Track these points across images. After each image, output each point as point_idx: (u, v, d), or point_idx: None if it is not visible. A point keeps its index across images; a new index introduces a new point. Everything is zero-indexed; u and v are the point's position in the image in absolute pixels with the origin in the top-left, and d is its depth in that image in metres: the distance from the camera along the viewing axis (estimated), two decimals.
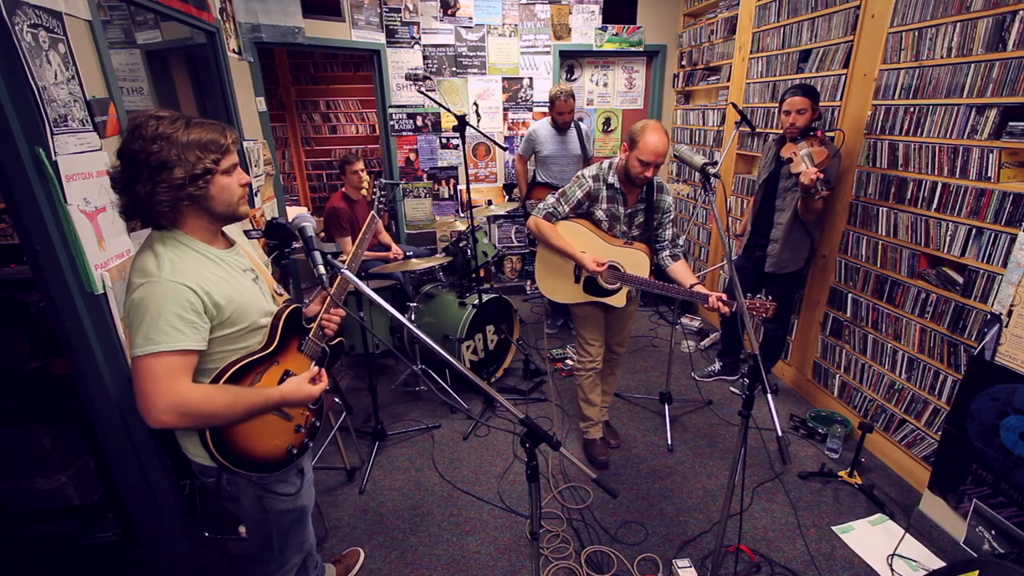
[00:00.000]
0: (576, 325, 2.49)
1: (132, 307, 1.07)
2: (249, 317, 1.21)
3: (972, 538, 1.89)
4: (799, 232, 2.70)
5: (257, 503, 1.35)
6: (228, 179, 1.16)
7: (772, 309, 1.88)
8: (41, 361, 2.19)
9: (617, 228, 2.25)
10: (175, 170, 1.06)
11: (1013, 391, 1.72)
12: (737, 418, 2.81)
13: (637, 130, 2.03)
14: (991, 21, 1.95)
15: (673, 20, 4.55)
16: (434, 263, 3.22)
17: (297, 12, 3.52)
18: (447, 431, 2.87)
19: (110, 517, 2.11)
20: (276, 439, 1.29)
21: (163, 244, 1.13)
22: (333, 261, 1.28)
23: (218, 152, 1.12)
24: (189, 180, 1.08)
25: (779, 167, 2.71)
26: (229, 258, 1.23)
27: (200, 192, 1.11)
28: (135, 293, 1.06)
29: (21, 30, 1.43)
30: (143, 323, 1.05)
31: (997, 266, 1.96)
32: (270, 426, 1.28)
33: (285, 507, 1.40)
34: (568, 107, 3.52)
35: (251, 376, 1.23)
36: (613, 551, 2.07)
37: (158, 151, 1.05)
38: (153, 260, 1.09)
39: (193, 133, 1.09)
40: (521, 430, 1.12)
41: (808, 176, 2.33)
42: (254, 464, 1.26)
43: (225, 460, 1.19)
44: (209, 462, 1.22)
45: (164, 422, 1.07)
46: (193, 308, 1.09)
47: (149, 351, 1.05)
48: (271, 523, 1.41)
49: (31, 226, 1.53)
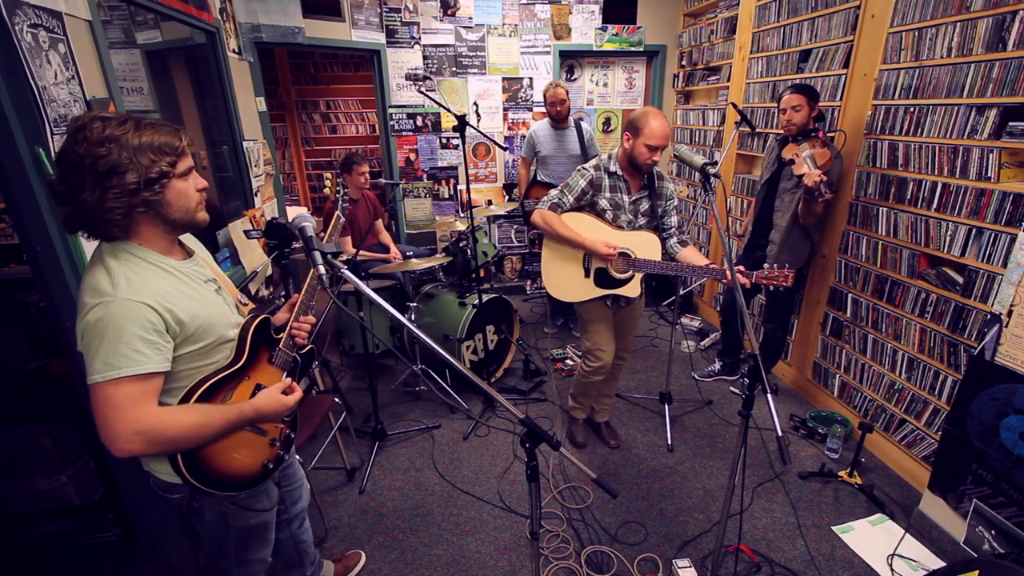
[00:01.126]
0: (584, 330, 2.43)
1: (87, 330, 0.98)
2: (215, 331, 1.14)
3: (972, 538, 1.89)
4: (798, 233, 2.70)
5: (220, 518, 1.28)
6: (184, 183, 1.08)
7: (791, 277, 1.91)
8: (41, 361, 2.19)
9: (622, 217, 2.22)
10: (127, 175, 0.98)
11: (1013, 391, 1.72)
12: (737, 418, 2.81)
13: (638, 117, 2.04)
14: (991, 21, 1.95)
15: (673, 20, 4.55)
16: (434, 263, 3.22)
17: (297, 12, 3.52)
18: (447, 431, 2.87)
19: (110, 517, 2.11)
20: (251, 455, 1.23)
21: (115, 258, 1.04)
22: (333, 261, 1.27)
23: (173, 155, 1.04)
24: (144, 184, 1.00)
25: (781, 167, 2.71)
26: (189, 269, 1.16)
27: (156, 197, 1.03)
28: (89, 315, 0.98)
29: (21, 30, 1.43)
30: (101, 347, 0.97)
31: (997, 266, 1.96)
32: (244, 443, 1.21)
33: (247, 523, 1.32)
34: (558, 96, 3.47)
35: (221, 394, 1.16)
36: (613, 551, 2.07)
37: (106, 154, 0.96)
38: (106, 277, 1.00)
39: (145, 135, 1.01)
40: (521, 430, 1.12)
41: (812, 178, 2.33)
42: (227, 483, 1.18)
43: (197, 481, 1.11)
44: (174, 479, 1.15)
45: (129, 451, 0.99)
46: (154, 328, 1.01)
47: (110, 377, 0.97)
48: (231, 538, 1.32)
49: (31, 226, 1.53)
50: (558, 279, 2.33)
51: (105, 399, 0.98)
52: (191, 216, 1.11)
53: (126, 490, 1.92)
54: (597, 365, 2.41)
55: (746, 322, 1.46)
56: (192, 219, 1.12)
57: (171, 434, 1.03)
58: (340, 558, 2.02)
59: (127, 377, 0.98)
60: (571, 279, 2.30)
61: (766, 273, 1.97)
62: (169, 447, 1.05)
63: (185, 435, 1.05)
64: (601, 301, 2.33)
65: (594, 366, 2.42)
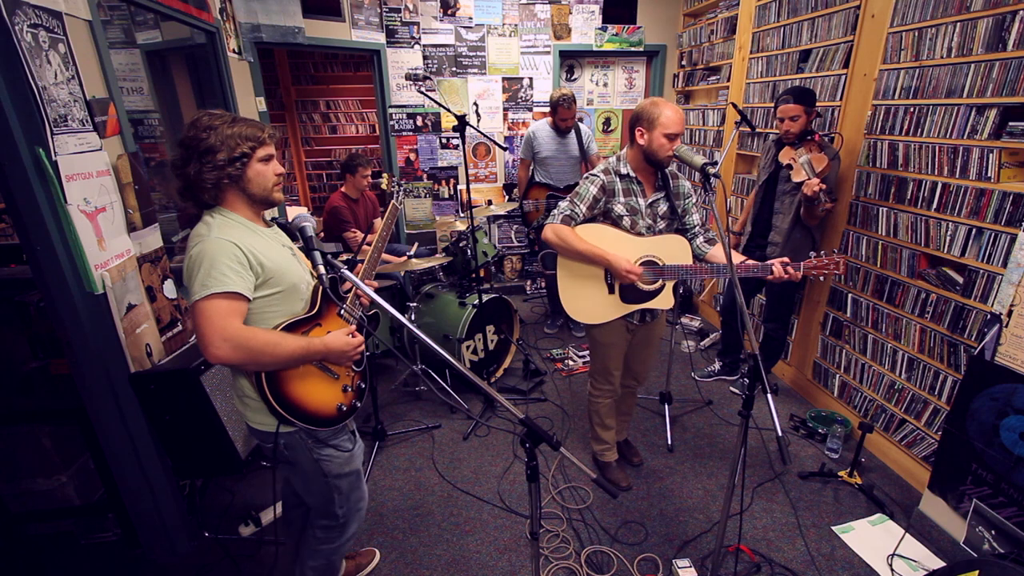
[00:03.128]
0: (594, 351, 2.27)
1: (188, 263, 1.25)
2: (289, 279, 1.36)
3: (972, 538, 1.89)
4: (800, 233, 2.69)
5: (315, 467, 1.47)
6: (264, 167, 1.34)
7: (842, 263, 1.81)
8: (41, 361, 2.19)
9: (640, 223, 2.01)
10: (218, 154, 1.26)
11: (1013, 391, 1.72)
12: (737, 418, 2.80)
13: (648, 108, 1.89)
14: (991, 21, 1.95)
15: (673, 20, 4.55)
16: (434, 263, 3.22)
17: (297, 12, 3.52)
18: (447, 431, 2.87)
19: (110, 517, 2.11)
20: (325, 395, 1.43)
21: (211, 216, 1.31)
22: (333, 261, 1.32)
23: (255, 141, 1.31)
24: (228, 162, 1.27)
25: (778, 170, 2.71)
26: (270, 233, 1.41)
27: (238, 172, 1.30)
28: (191, 251, 1.25)
29: (21, 30, 1.43)
30: (198, 274, 1.22)
31: (997, 266, 1.96)
32: (319, 381, 1.42)
33: (341, 469, 1.52)
34: (570, 114, 3.53)
35: (297, 333, 1.37)
36: (613, 551, 2.07)
37: (206, 138, 1.25)
38: (204, 226, 1.29)
39: (236, 127, 1.29)
40: (521, 430, 1.12)
41: (811, 188, 2.33)
42: (307, 417, 1.38)
43: (281, 409, 1.32)
44: (269, 427, 1.37)
45: (220, 356, 1.21)
46: (239, 261, 1.25)
47: (204, 294, 1.20)
48: (331, 487, 1.53)
49: (31, 226, 1.53)
50: (580, 300, 2.08)
51: (201, 312, 1.21)
52: (268, 193, 1.37)
53: (126, 490, 1.92)
54: (607, 388, 2.29)
55: (746, 322, 1.45)
56: (268, 196, 1.38)
57: (251, 344, 1.23)
58: (354, 555, 2.03)
59: (217, 294, 1.21)
60: (595, 299, 2.06)
61: (815, 262, 1.84)
62: (249, 356, 1.25)
63: (262, 348, 1.25)
64: (622, 320, 2.13)
65: (603, 389, 2.30)
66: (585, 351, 3.64)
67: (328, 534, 1.64)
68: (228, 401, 1.92)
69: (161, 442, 1.92)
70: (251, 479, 2.49)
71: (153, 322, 1.96)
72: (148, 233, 1.98)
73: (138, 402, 1.82)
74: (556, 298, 4.15)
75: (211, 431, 1.87)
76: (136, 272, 1.88)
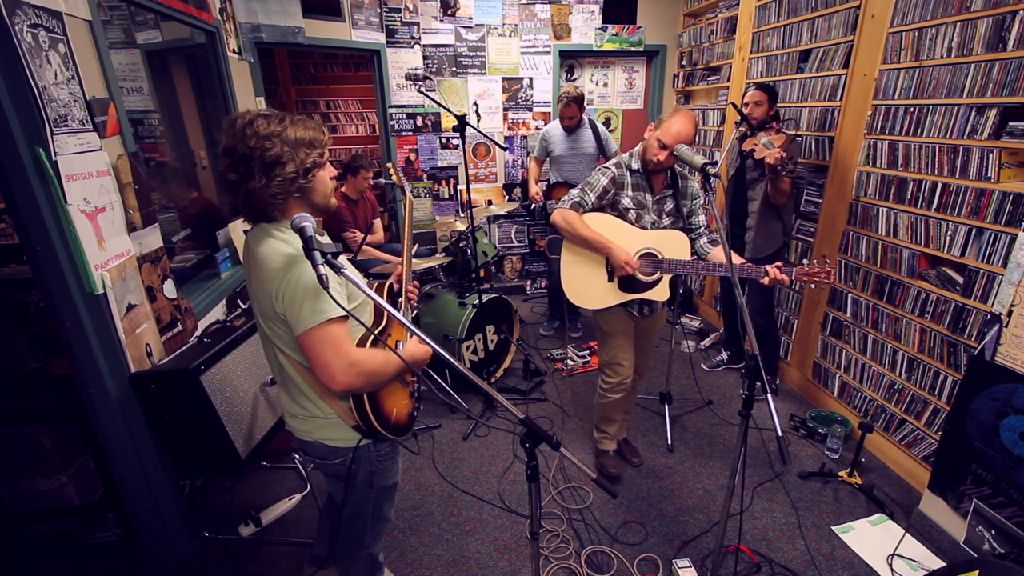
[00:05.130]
0: (602, 342, 2.30)
1: (288, 287, 1.13)
2: (359, 294, 1.28)
3: (972, 538, 1.89)
4: (770, 214, 2.83)
5: (367, 479, 1.43)
6: (325, 172, 1.25)
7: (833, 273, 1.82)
8: (41, 361, 2.19)
9: (646, 217, 2.10)
10: (288, 165, 1.14)
11: (1013, 391, 1.72)
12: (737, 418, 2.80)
13: (666, 113, 1.98)
14: (991, 21, 1.95)
15: (673, 20, 4.55)
16: (434, 263, 3.22)
17: (297, 12, 3.52)
18: (447, 431, 2.87)
19: (110, 517, 2.11)
20: (403, 403, 1.43)
21: (281, 231, 1.20)
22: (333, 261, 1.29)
23: (321, 147, 1.21)
24: (299, 175, 1.16)
25: (744, 160, 2.88)
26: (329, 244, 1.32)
27: (308, 185, 1.19)
28: (289, 275, 1.13)
29: (21, 30, 1.43)
30: (306, 299, 1.12)
31: (997, 266, 1.96)
32: (398, 391, 1.41)
33: (386, 482, 1.49)
34: (571, 113, 3.53)
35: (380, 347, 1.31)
36: (613, 551, 2.07)
37: (271, 147, 1.12)
38: (285, 244, 1.17)
39: (299, 131, 1.16)
40: (521, 430, 1.12)
41: (773, 156, 2.43)
42: (394, 428, 1.37)
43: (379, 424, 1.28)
44: (346, 443, 1.33)
45: (347, 384, 1.16)
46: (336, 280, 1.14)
47: (320, 320, 1.12)
48: (372, 500, 1.48)
49: (31, 226, 1.53)
50: (579, 284, 2.18)
51: (322, 340, 1.13)
52: (327, 200, 1.28)
53: (126, 490, 1.92)
54: (616, 380, 2.29)
55: (747, 323, 1.46)
56: (328, 203, 1.28)
57: (371, 366, 1.20)
58: None
59: (333, 320, 1.14)
60: (593, 284, 2.16)
61: (806, 269, 1.85)
62: (368, 379, 1.21)
63: (379, 369, 1.22)
64: (624, 310, 2.21)
65: (613, 381, 2.29)
66: (585, 351, 3.64)
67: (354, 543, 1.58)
68: (228, 401, 1.92)
69: (161, 442, 1.92)
70: (251, 479, 2.49)
71: (153, 322, 1.96)
72: (148, 233, 1.98)
73: (138, 402, 1.82)
74: (556, 299, 4.17)
75: (211, 431, 1.87)
76: (136, 272, 1.88)
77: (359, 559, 1.62)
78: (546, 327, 4.12)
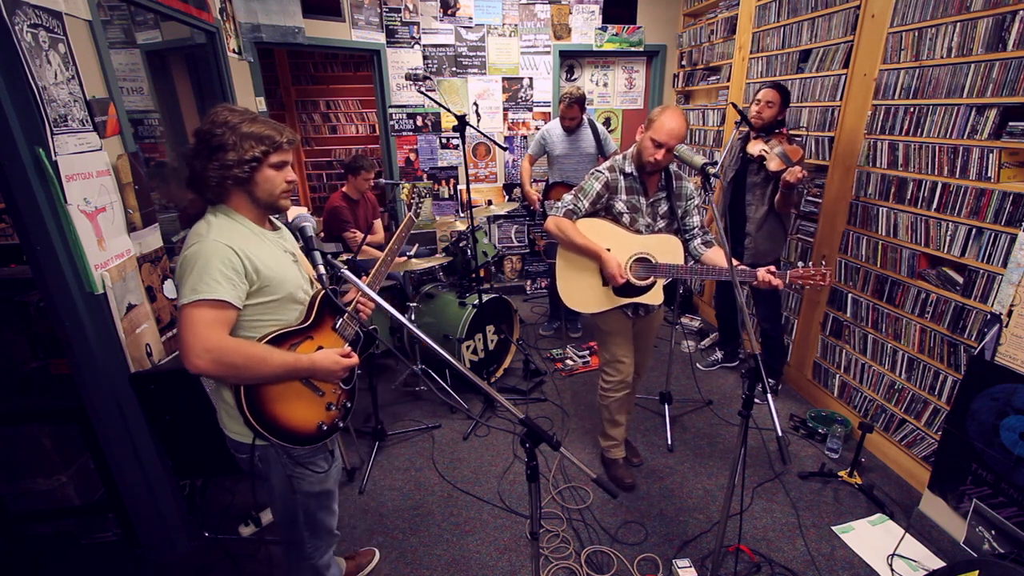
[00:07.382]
0: (602, 341, 2.31)
1: (183, 262, 1.19)
2: (286, 288, 1.30)
3: (972, 538, 1.89)
4: (774, 223, 2.79)
5: (286, 483, 1.40)
6: (274, 173, 1.28)
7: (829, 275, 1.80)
8: (41, 361, 2.19)
9: (640, 221, 2.09)
10: (229, 153, 1.21)
11: (1013, 391, 1.72)
12: (737, 418, 2.80)
13: (655, 112, 1.95)
14: (991, 21, 1.95)
15: (673, 20, 4.55)
16: (434, 263, 3.22)
17: (297, 12, 3.52)
18: (447, 431, 2.87)
19: (110, 517, 2.11)
20: (308, 412, 1.35)
21: (214, 215, 1.27)
22: (333, 261, 1.31)
23: (269, 145, 1.24)
24: (237, 163, 1.22)
25: (745, 165, 2.80)
26: (272, 237, 1.35)
27: (244, 176, 1.24)
28: (187, 251, 1.20)
29: (21, 30, 1.43)
30: (190, 276, 1.16)
31: (997, 266, 1.96)
32: (302, 397, 1.34)
33: (312, 488, 1.44)
34: (571, 113, 3.51)
35: (286, 345, 1.31)
36: (613, 551, 2.07)
37: (220, 134, 1.20)
38: (205, 225, 1.24)
39: (255, 127, 1.23)
40: (521, 430, 1.12)
41: (795, 175, 2.39)
42: (284, 434, 1.31)
43: (258, 425, 1.25)
44: (244, 438, 1.32)
45: (199, 367, 1.15)
46: (233, 267, 1.19)
47: (192, 299, 1.15)
48: (298, 505, 1.45)
49: (31, 226, 1.53)
50: (574, 290, 2.20)
51: (189, 318, 1.15)
52: (274, 200, 1.31)
53: (126, 490, 1.92)
54: (618, 378, 2.28)
55: (747, 322, 1.46)
56: (274, 203, 1.32)
57: (234, 358, 1.18)
58: (354, 555, 2.02)
59: (205, 300, 1.15)
60: (588, 289, 2.17)
61: (801, 272, 1.83)
62: (231, 371, 1.19)
63: (245, 363, 1.19)
64: (620, 311, 2.21)
65: (615, 379, 2.29)
66: (585, 351, 3.64)
67: (296, 552, 1.54)
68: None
69: (161, 442, 1.92)
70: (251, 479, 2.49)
71: (153, 322, 1.96)
72: (148, 233, 1.98)
73: (138, 402, 1.82)
74: (556, 299, 4.17)
75: (211, 431, 1.85)
76: (136, 272, 1.88)
77: (303, 568, 1.57)
78: (546, 327, 4.12)
